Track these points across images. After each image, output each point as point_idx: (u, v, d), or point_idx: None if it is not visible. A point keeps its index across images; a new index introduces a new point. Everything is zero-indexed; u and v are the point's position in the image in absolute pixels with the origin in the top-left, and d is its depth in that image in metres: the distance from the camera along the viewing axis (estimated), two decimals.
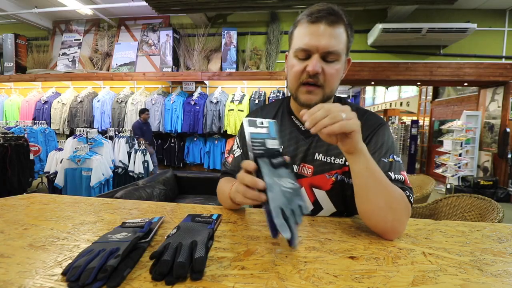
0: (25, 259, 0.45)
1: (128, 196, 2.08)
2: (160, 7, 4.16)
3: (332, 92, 0.70)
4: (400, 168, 0.66)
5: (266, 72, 4.53)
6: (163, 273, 0.39)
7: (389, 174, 0.64)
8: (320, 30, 0.64)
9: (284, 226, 0.46)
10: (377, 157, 0.67)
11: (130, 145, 3.89)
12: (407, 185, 0.64)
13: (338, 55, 0.65)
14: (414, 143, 7.39)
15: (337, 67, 0.67)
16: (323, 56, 0.65)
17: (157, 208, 0.76)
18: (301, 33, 0.67)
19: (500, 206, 1.34)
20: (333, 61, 0.66)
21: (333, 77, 0.67)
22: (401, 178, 0.64)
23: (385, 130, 0.72)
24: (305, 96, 0.69)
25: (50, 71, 5.31)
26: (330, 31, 0.64)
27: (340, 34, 0.65)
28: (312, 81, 0.67)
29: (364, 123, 0.71)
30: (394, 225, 0.56)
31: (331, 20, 0.64)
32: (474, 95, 5.61)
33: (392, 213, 0.56)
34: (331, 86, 0.68)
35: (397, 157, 0.68)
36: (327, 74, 0.66)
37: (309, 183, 0.74)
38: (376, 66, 4.66)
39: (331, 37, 0.64)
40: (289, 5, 3.98)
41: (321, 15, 0.64)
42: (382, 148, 0.69)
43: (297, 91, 0.70)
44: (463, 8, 4.43)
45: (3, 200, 0.81)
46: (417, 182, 2.46)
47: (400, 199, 0.58)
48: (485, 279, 0.42)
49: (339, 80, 0.70)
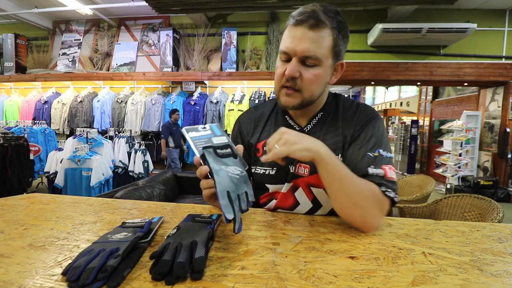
0: (25, 259, 0.45)
1: (128, 196, 2.08)
2: (160, 7, 4.17)
3: (312, 97, 0.69)
4: (383, 162, 0.66)
5: (266, 72, 4.53)
6: (163, 273, 0.39)
7: (367, 170, 0.64)
8: (300, 33, 0.63)
9: (228, 207, 0.47)
10: (363, 151, 0.67)
11: (130, 145, 3.89)
12: (388, 179, 0.64)
13: (317, 59, 0.64)
14: (414, 143, 7.39)
15: (316, 72, 0.66)
16: (302, 60, 0.65)
17: (157, 208, 0.76)
18: (285, 35, 0.67)
19: (500, 206, 1.34)
20: (313, 66, 0.65)
21: (312, 82, 0.66)
22: (380, 172, 0.64)
23: (376, 124, 0.72)
24: (284, 98, 0.69)
25: (50, 71, 5.31)
26: (310, 35, 0.63)
27: (321, 38, 0.63)
28: (289, 85, 0.67)
29: (357, 117, 0.73)
30: (364, 221, 0.59)
31: (311, 23, 0.62)
32: (474, 95, 5.61)
33: (358, 209, 0.59)
34: (310, 90, 0.68)
35: (384, 151, 0.67)
36: (305, 78, 0.66)
37: (307, 183, 0.74)
38: (376, 66, 4.65)
39: (310, 41, 0.63)
40: (289, 5, 3.98)
41: (301, 18, 0.63)
42: (370, 141, 0.68)
43: (279, 92, 0.71)
44: (463, 8, 4.43)
45: (3, 200, 0.81)
46: (417, 182, 2.47)
47: (368, 195, 0.60)
48: (485, 279, 0.41)
49: (322, 85, 0.69)
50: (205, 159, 0.54)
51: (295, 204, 0.76)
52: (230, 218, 0.47)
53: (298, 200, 0.75)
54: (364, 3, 3.86)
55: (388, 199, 0.63)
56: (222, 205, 0.47)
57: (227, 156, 0.56)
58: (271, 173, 0.76)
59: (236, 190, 0.51)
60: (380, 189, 0.62)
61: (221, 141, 0.59)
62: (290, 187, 0.75)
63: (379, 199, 0.61)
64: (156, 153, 5.01)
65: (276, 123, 0.81)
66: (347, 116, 0.74)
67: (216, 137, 0.59)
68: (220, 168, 0.52)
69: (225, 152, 0.57)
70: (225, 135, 0.61)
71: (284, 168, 0.75)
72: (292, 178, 0.75)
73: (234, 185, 0.51)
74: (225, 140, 0.59)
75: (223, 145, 0.58)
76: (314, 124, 0.76)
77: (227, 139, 0.60)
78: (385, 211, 0.62)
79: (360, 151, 0.68)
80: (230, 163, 0.55)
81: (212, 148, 0.56)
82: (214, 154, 0.55)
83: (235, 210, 0.48)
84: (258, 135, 0.81)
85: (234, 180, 0.52)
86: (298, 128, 0.77)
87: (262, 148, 0.79)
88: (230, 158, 0.56)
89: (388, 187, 0.63)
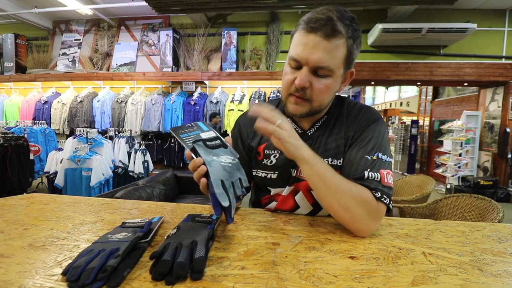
0: (25, 259, 0.45)
1: (128, 196, 2.08)
2: (160, 7, 4.16)
3: (321, 106, 0.68)
4: (381, 167, 0.64)
5: (266, 72, 4.53)
6: (163, 273, 0.39)
7: (364, 173, 0.63)
8: (314, 42, 0.60)
9: (224, 195, 0.49)
10: (361, 153, 0.66)
11: (130, 145, 3.89)
12: (384, 184, 0.62)
13: (330, 70, 0.62)
14: (414, 143, 7.39)
15: (327, 82, 0.64)
16: (314, 71, 0.62)
17: (157, 208, 0.76)
18: (297, 41, 0.63)
19: (500, 206, 1.34)
20: (324, 76, 0.63)
21: (322, 92, 0.65)
22: (377, 176, 0.62)
23: (377, 126, 0.70)
24: (292, 106, 0.68)
25: (50, 71, 5.31)
26: (324, 44, 0.59)
27: (336, 48, 0.60)
28: (298, 94, 0.65)
29: (359, 119, 0.72)
30: (355, 226, 0.58)
31: (327, 32, 0.59)
32: (474, 95, 5.61)
33: (347, 214, 0.58)
34: (320, 100, 0.66)
35: (383, 155, 0.66)
36: (315, 89, 0.64)
37: (307, 187, 0.72)
38: (376, 66, 4.65)
39: (324, 52, 0.60)
40: (289, 5, 3.98)
41: (317, 26, 0.59)
42: (369, 144, 0.67)
43: (286, 99, 0.69)
44: (463, 8, 4.43)
45: (3, 200, 0.81)
46: (417, 182, 2.46)
47: (357, 201, 0.58)
48: (485, 279, 0.41)
49: (331, 94, 0.68)
50: (196, 152, 0.55)
51: (294, 207, 0.75)
52: (226, 205, 0.48)
53: (298, 204, 0.75)
54: (364, 3, 3.86)
55: (383, 204, 0.61)
56: (217, 194, 0.49)
57: (217, 147, 0.58)
58: (272, 177, 0.76)
59: (230, 178, 0.53)
60: (373, 194, 0.60)
61: (209, 135, 0.60)
62: (291, 191, 0.75)
63: (370, 204, 0.59)
64: (156, 153, 5.01)
65: None
66: (350, 118, 0.73)
67: (204, 133, 0.61)
68: (212, 159, 0.54)
69: (215, 144, 0.58)
70: (212, 130, 0.62)
71: (286, 171, 0.74)
72: (294, 181, 0.74)
73: (227, 173, 0.53)
74: (213, 134, 0.61)
75: (212, 137, 0.59)
76: (317, 127, 0.74)
77: (215, 133, 0.61)
78: (379, 217, 0.60)
79: (358, 154, 0.66)
80: (221, 153, 0.57)
81: (202, 141, 0.57)
82: (204, 146, 0.56)
83: (230, 198, 0.50)
84: (258, 138, 0.79)
85: (227, 169, 0.53)
86: (300, 131, 0.76)
87: (263, 151, 0.78)
88: (220, 148, 0.58)
89: (383, 193, 0.61)
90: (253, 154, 0.80)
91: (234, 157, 0.57)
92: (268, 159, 0.76)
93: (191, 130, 0.61)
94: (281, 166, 0.74)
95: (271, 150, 0.76)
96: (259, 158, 0.78)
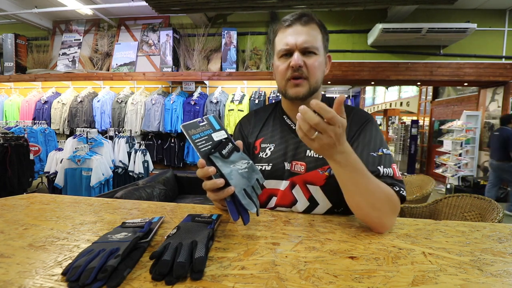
0: (25, 259, 0.45)
1: (128, 196, 2.08)
2: (160, 7, 4.16)
3: (317, 84, 0.75)
4: (390, 161, 0.69)
5: (266, 72, 4.53)
6: (163, 273, 0.39)
7: (379, 169, 0.66)
8: (296, 30, 0.73)
9: (251, 204, 0.53)
10: (366, 152, 0.69)
11: (130, 145, 3.89)
12: (396, 178, 0.67)
13: (315, 49, 0.73)
14: (414, 143, 7.39)
15: (317, 58, 0.73)
16: (303, 52, 0.72)
17: (157, 208, 0.76)
18: (281, 37, 0.75)
19: (500, 206, 1.34)
20: (313, 54, 0.73)
21: (316, 68, 0.73)
22: (390, 172, 0.67)
23: (372, 126, 0.76)
24: (293, 89, 0.75)
25: (50, 71, 5.30)
26: (306, 30, 0.72)
27: (314, 31, 0.73)
28: (297, 74, 0.73)
29: (351, 120, 0.76)
30: (381, 222, 0.60)
31: (304, 20, 0.73)
32: (474, 95, 5.61)
33: (375, 211, 0.59)
34: (315, 77, 0.74)
35: (386, 150, 0.71)
36: (309, 65, 0.72)
37: (303, 180, 0.76)
38: (376, 66, 4.65)
39: (307, 35, 0.72)
40: (289, 5, 3.98)
41: (294, 18, 0.73)
42: (370, 143, 0.71)
43: (285, 87, 0.76)
44: (463, 8, 4.43)
45: (3, 200, 0.81)
46: (417, 182, 2.46)
47: (384, 198, 0.61)
48: (485, 279, 0.41)
49: (322, 73, 0.77)
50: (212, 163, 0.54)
51: (293, 202, 0.77)
52: (254, 211, 0.52)
53: (296, 198, 0.77)
54: (364, 3, 3.85)
55: (399, 198, 0.64)
56: (245, 204, 0.51)
57: (231, 152, 0.58)
58: (267, 169, 0.79)
59: (249, 182, 0.55)
60: (394, 189, 0.64)
61: (221, 136, 0.59)
62: (288, 185, 0.77)
63: (393, 200, 0.63)
64: (156, 153, 5.01)
65: (274, 124, 0.85)
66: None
67: (216, 133, 0.60)
68: (230, 170, 0.54)
69: (229, 149, 0.58)
70: (223, 128, 0.62)
71: (280, 164, 0.78)
72: (289, 175, 0.77)
73: (246, 180, 0.55)
74: (224, 134, 0.60)
75: (225, 142, 0.59)
76: None
77: (226, 133, 0.61)
78: (398, 211, 0.64)
79: (364, 152, 0.69)
80: (236, 159, 0.58)
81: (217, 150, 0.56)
82: (220, 157, 0.56)
83: (255, 201, 0.53)
84: (256, 134, 0.85)
85: (245, 175, 0.55)
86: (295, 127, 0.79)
87: (260, 145, 0.82)
88: (234, 153, 0.58)
89: (400, 187, 0.65)
90: (251, 149, 0.84)
91: (248, 160, 0.59)
92: (264, 152, 0.81)
93: (202, 129, 0.59)
94: (275, 158, 0.79)
95: (266, 144, 0.82)
96: (255, 152, 0.83)
